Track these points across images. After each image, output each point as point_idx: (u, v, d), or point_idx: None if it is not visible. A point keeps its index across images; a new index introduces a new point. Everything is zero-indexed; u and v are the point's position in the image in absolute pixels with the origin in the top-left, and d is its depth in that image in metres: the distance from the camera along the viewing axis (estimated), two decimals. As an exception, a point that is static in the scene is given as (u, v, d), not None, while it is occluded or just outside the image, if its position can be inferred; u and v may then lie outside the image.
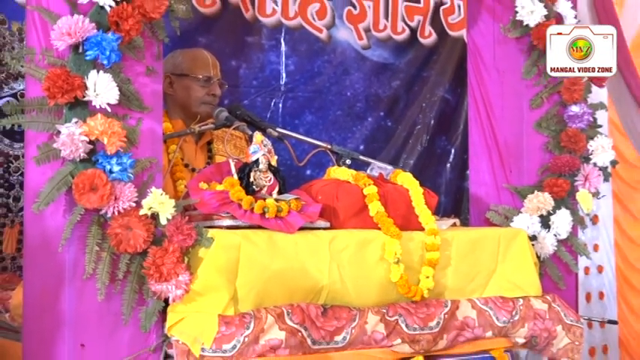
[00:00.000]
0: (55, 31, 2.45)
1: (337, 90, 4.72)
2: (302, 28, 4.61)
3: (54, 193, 2.44)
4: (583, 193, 3.46)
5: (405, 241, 2.96)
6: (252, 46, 4.46)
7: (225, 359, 2.56)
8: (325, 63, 4.69)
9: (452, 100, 5.07)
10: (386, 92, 4.88)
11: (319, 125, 4.55)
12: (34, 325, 2.58)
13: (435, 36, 5.03)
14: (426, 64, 5.01)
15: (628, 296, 6.01)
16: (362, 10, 4.79)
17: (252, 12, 4.45)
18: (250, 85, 4.44)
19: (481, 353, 3.09)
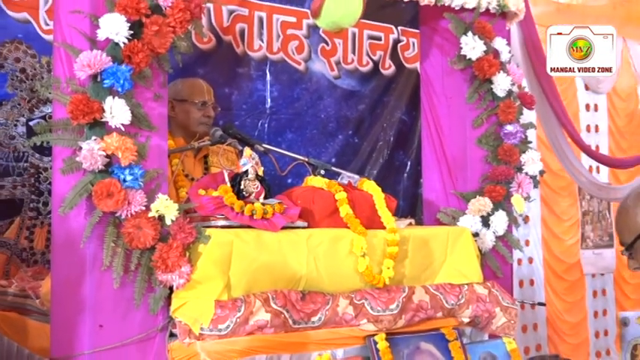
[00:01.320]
0: (77, 64, 2.46)
1: (313, 112, 4.71)
2: (284, 61, 4.61)
3: (77, 198, 2.45)
4: (516, 198, 3.48)
5: (370, 238, 2.97)
6: (242, 76, 4.46)
7: (220, 337, 2.57)
8: (303, 90, 4.68)
9: (408, 121, 5.07)
10: (353, 114, 4.87)
11: (298, 142, 4.54)
12: (60, 309, 2.59)
13: (394, 68, 5.04)
14: (386, 91, 5.01)
15: (553, 282, 6.04)
16: (333, 46, 4.80)
17: (242, 48, 4.45)
18: (240, 109, 4.44)
19: (433, 331, 3.09)
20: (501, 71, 3.47)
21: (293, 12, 4.65)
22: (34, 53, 3.84)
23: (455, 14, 3.45)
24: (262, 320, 2.64)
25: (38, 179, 3.87)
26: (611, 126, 6.68)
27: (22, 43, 3.81)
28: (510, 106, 3.48)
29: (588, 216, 6.48)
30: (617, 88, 6.67)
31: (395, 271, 3.01)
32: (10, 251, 3.79)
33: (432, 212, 3.58)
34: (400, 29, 5.07)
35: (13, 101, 3.79)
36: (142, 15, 2.52)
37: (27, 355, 3.07)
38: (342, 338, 2.87)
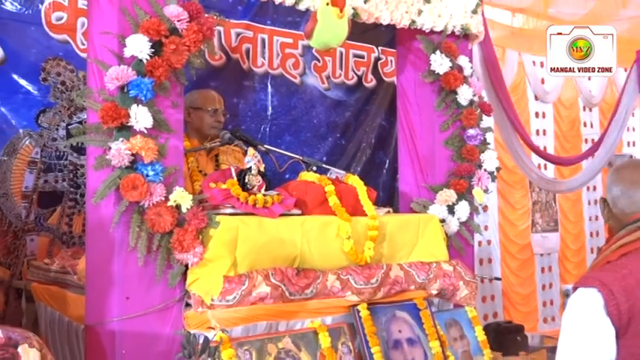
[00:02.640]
0: (107, 77, 2.45)
1: (307, 119, 4.70)
2: (282, 76, 4.59)
3: (107, 190, 2.45)
4: (477, 190, 3.47)
5: (354, 224, 2.96)
6: (247, 88, 4.45)
7: (228, 307, 2.57)
8: (299, 100, 4.67)
9: (386, 126, 5.05)
10: (341, 120, 4.86)
11: (294, 143, 4.53)
12: (93, 284, 2.59)
13: (375, 81, 5.03)
14: (368, 100, 5.00)
15: (507, 260, 6.07)
16: (324, 63, 4.78)
17: (248, 64, 4.44)
18: (246, 115, 4.42)
19: (407, 301, 3.07)
20: (464, 84, 3.45)
21: (290, 34, 4.63)
22: (72, 68, 3.82)
23: (425, 36, 3.43)
24: (263, 292, 2.63)
25: (76, 174, 3.86)
26: (557, 130, 6.69)
27: (63, 60, 3.79)
28: (472, 113, 3.47)
29: (537, 205, 6.50)
30: (562, 99, 6.68)
31: (375, 251, 3.00)
32: (53, 235, 3.79)
33: (406, 202, 3.57)
34: (380, 49, 5.05)
35: (55, 109, 3.78)
36: (162, 36, 2.51)
37: (67, 322, 3.06)
38: (331, 307, 2.86)
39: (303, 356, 2.71)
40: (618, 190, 2.04)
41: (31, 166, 3.72)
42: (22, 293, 3.55)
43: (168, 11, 2.54)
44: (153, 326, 2.51)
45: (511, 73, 5.97)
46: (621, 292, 1.83)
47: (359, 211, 3.04)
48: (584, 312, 1.87)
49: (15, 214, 3.66)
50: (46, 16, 3.73)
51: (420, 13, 3.31)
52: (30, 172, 3.71)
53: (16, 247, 3.67)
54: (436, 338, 3.03)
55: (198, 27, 2.57)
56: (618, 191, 2.04)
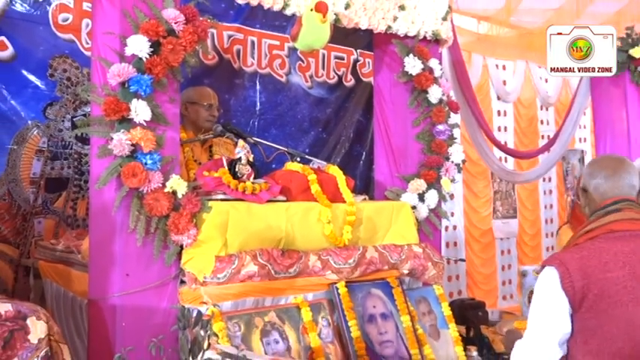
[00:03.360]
0: (109, 73, 2.43)
1: (292, 114, 4.68)
2: (270, 75, 4.57)
3: (109, 177, 2.43)
4: (445, 180, 3.48)
5: (334, 209, 2.97)
6: (238, 86, 4.42)
7: (219, 284, 2.57)
8: (284, 97, 4.65)
9: (363, 122, 5.04)
10: (322, 116, 4.85)
11: (280, 136, 4.50)
12: (96, 262, 2.57)
13: (354, 81, 5.02)
14: (347, 98, 4.99)
15: (471, 244, 6.09)
16: (307, 63, 4.77)
17: (239, 64, 4.41)
18: (237, 110, 4.40)
19: (381, 280, 3.09)
20: (434, 84, 3.46)
21: (277, 37, 4.60)
22: (77, 65, 3.77)
23: (400, 40, 3.43)
24: (251, 271, 2.63)
25: (80, 162, 3.82)
26: (516, 127, 6.72)
27: (68, 57, 3.74)
28: (441, 111, 3.48)
29: (498, 194, 6.52)
30: (521, 99, 6.71)
31: (352, 234, 3.01)
32: (59, 217, 3.75)
33: (381, 190, 3.57)
34: (359, 52, 5.04)
35: (61, 102, 3.73)
36: (160, 36, 2.49)
37: (71, 296, 3.05)
38: (312, 285, 2.86)
39: (287, 329, 2.71)
40: (601, 177, 2.05)
41: (39, 154, 3.68)
42: (30, 270, 3.53)
43: (166, 14, 2.52)
44: (150, 301, 2.50)
45: (476, 74, 5.98)
46: (577, 271, 1.87)
47: (338, 198, 3.04)
48: (545, 286, 1.94)
49: (24, 198, 3.62)
50: (53, 17, 3.68)
51: (396, 20, 3.31)
52: (38, 160, 3.67)
53: (24, 229, 3.64)
54: (407, 313, 3.05)
55: (193, 29, 2.55)
56: (601, 178, 2.05)
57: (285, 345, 2.66)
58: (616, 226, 1.95)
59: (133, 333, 2.45)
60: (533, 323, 1.96)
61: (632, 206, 1.99)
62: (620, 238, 1.93)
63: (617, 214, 1.98)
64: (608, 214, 1.99)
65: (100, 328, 2.51)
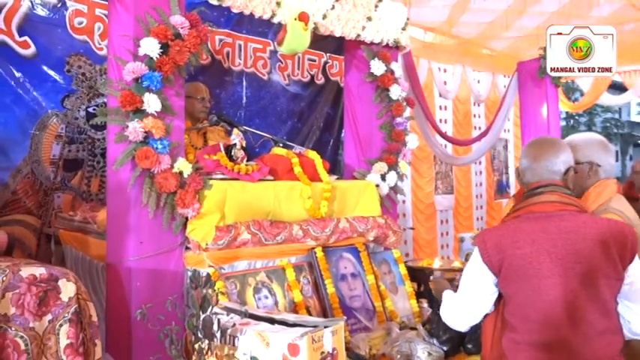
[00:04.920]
0: (125, 70, 2.34)
1: (273, 107, 4.62)
2: (254, 74, 4.49)
3: (124, 159, 2.36)
4: (402, 163, 3.49)
5: (313, 187, 2.94)
6: (227, 82, 4.34)
7: (218, 249, 2.53)
8: (266, 92, 4.57)
9: (331, 113, 5.01)
10: (298, 109, 4.79)
11: (263, 125, 4.42)
12: (113, 231, 2.49)
13: (324, 79, 4.96)
14: (318, 94, 4.93)
15: (417, 215, 6.11)
16: (285, 64, 4.69)
17: (228, 64, 4.32)
18: (226, 103, 4.31)
19: (351, 245, 3.08)
20: (395, 84, 3.44)
21: (261, 42, 4.52)
22: (90, 62, 3.64)
23: (367, 46, 3.39)
24: (245, 238, 2.60)
25: (93, 146, 3.70)
26: (454, 120, 6.76)
27: (83, 55, 3.60)
28: (400, 106, 3.47)
29: (439, 174, 6.58)
30: (459, 96, 6.74)
31: (328, 208, 2.99)
32: (75, 193, 3.64)
33: (349, 172, 3.56)
34: (328, 55, 4.97)
35: (77, 94, 3.60)
36: (169, 39, 2.41)
37: (88, 260, 2.98)
38: (295, 250, 2.84)
39: (274, 287, 2.69)
40: (525, 162, 1.99)
41: (58, 139, 3.55)
42: (52, 238, 3.43)
43: (174, 20, 2.43)
44: (160, 264, 2.44)
45: (423, 76, 5.97)
46: (493, 247, 1.86)
47: (316, 178, 3.02)
48: (473, 257, 1.95)
49: (45, 176, 3.50)
50: (70, 20, 3.53)
51: (364, 29, 3.27)
52: (57, 144, 3.54)
53: (45, 202, 3.52)
54: (372, 273, 3.06)
55: (197, 33, 2.47)
56: (525, 164, 1.99)
57: (274, 300, 2.65)
58: (535, 207, 1.89)
59: (146, 291, 2.39)
60: (462, 285, 1.98)
61: (555, 190, 1.90)
62: (536, 218, 1.87)
63: (538, 196, 1.90)
64: (531, 196, 1.93)
65: (117, 287, 2.45)
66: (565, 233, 1.79)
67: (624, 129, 26.68)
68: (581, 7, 5.20)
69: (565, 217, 1.83)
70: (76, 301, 1.92)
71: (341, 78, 5.02)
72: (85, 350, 1.92)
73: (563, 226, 1.81)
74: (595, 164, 2.18)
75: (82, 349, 1.91)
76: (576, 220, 1.82)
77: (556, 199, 1.88)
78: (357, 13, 3.21)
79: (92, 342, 1.95)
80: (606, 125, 25.17)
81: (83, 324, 1.94)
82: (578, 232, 1.78)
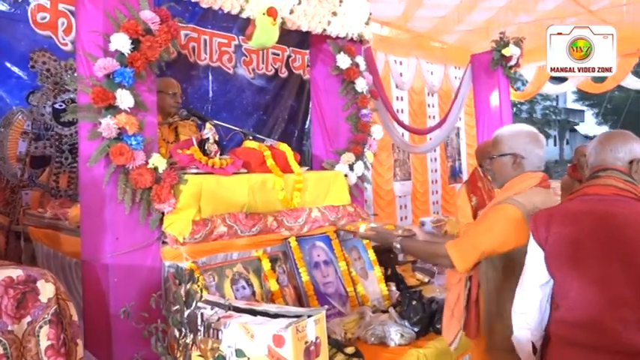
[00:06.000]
0: (96, 66, 2.21)
1: (239, 101, 4.51)
2: (220, 68, 4.37)
3: (99, 156, 2.25)
4: (368, 153, 3.46)
5: (285, 179, 2.88)
6: (194, 77, 4.20)
7: (195, 243, 2.44)
8: (232, 86, 4.46)
9: (295, 106, 4.94)
10: (263, 101, 4.69)
11: (229, 118, 4.27)
12: (88, 228, 2.37)
13: (287, 73, 4.88)
14: (282, 87, 4.85)
15: (377, 200, 6.13)
16: (250, 58, 4.58)
17: (194, 58, 4.19)
18: (193, 97, 4.18)
19: (323, 234, 3.04)
20: (360, 77, 3.40)
21: (226, 36, 4.40)
22: (55, 58, 3.45)
23: (333, 40, 3.34)
24: (222, 231, 2.52)
25: (61, 142, 3.53)
26: (410, 109, 6.80)
27: (47, 51, 3.41)
28: (365, 98, 3.43)
29: (397, 162, 6.62)
30: (414, 87, 6.77)
31: (300, 198, 2.94)
32: (44, 189, 3.47)
33: (318, 162, 3.51)
34: (291, 49, 4.89)
35: (42, 91, 3.41)
36: (140, 35, 2.29)
37: (60, 256, 2.84)
38: (270, 240, 2.78)
39: (251, 277, 2.63)
40: (592, 147, 1.91)
41: (24, 135, 3.36)
42: (21, 235, 3.25)
43: (143, 15, 2.31)
44: (137, 260, 2.34)
45: (380, 68, 5.97)
46: (542, 225, 1.81)
47: (288, 170, 2.95)
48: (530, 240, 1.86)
49: (12, 173, 3.32)
50: (32, 15, 3.33)
51: (330, 24, 3.21)
52: (23, 141, 3.36)
53: (13, 200, 3.34)
54: (343, 259, 3.03)
55: (167, 28, 2.36)
56: (591, 148, 1.91)
57: (251, 290, 2.59)
58: (589, 190, 1.83)
59: (124, 287, 2.29)
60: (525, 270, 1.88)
61: (613, 174, 1.82)
62: (587, 200, 1.81)
63: (595, 179, 1.84)
64: (589, 179, 1.87)
65: (94, 284, 2.33)
66: (611, 217, 1.72)
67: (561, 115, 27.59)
68: (528, 1, 5.28)
69: (617, 203, 1.76)
70: (56, 301, 1.82)
71: (304, 71, 4.96)
72: (67, 351, 1.82)
73: (612, 210, 1.74)
74: (519, 156, 2.05)
75: (63, 349, 1.81)
76: (629, 207, 1.74)
77: (612, 183, 1.81)
78: (322, 8, 3.15)
79: (74, 342, 1.85)
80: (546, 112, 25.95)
81: (64, 324, 1.83)
82: (627, 218, 1.71)
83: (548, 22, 5.80)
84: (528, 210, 1.92)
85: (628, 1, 5.18)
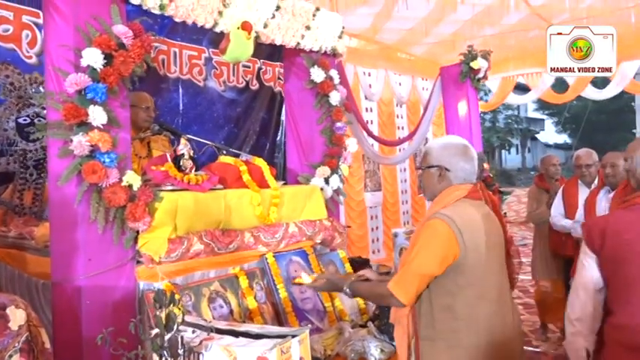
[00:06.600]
0: (67, 82, 2.15)
1: (210, 113, 4.45)
2: (190, 80, 4.30)
3: (70, 174, 2.17)
4: (344, 166, 3.46)
5: (262, 194, 2.85)
6: (164, 90, 4.12)
7: (172, 262, 2.39)
8: (203, 99, 4.39)
9: (267, 118, 4.90)
10: (234, 114, 4.64)
11: (200, 132, 4.23)
12: (58, 248, 2.28)
13: (258, 85, 4.83)
14: (253, 99, 4.80)
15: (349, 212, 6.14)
16: (221, 71, 4.53)
17: (164, 71, 4.11)
18: (164, 110, 4.08)
19: (299, 249, 3.01)
20: (334, 90, 3.40)
21: (196, 49, 4.33)
22: (19, 72, 3.32)
23: (307, 54, 3.33)
24: (198, 249, 2.47)
25: (25, 158, 3.39)
26: (380, 120, 6.86)
27: (10, 64, 3.28)
28: (339, 111, 3.43)
29: (368, 173, 6.66)
30: (382, 98, 6.85)
31: (277, 214, 2.91)
32: (7, 207, 3.31)
33: (293, 176, 3.48)
34: (262, 61, 4.86)
35: (5, 105, 3.27)
36: (112, 50, 2.23)
37: (26, 278, 2.72)
38: (247, 257, 2.74)
39: (229, 295, 2.58)
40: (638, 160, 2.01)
41: (-14, 152, 3.23)
42: (-18, 256, 3.10)
43: (116, 30, 2.26)
44: (111, 280, 2.26)
45: (349, 80, 6.01)
46: (597, 233, 1.91)
47: (264, 184, 2.92)
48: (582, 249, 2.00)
49: (-28, 191, 3.18)
50: (-5, 27, 3.22)
51: (303, 37, 3.20)
52: (-15, 157, 3.23)
53: (-26, 218, 3.19)
54: (320, 274, 3.01)
55: (140, 43, 2.31)
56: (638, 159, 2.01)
57: (229, 308, 2.53)
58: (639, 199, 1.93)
59: (97, 309, 2.21)
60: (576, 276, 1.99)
61: None
62: (638, 209, 1.91)
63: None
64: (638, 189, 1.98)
65: (64, 307, 2.24)
66: None
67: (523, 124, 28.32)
68: (493, 15, 5.42)
69: None
70: (27, 328, 1.72)
71: (274, 83, 4.94)
72: (39, 380, 1.73)
73: None
74: (444, 168, 2.00)
75: (35, 379, 1.72)
76: None
77: None
78: (296, 22, 3.14)
79: (46, 370, 1.77)
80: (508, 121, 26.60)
81: (35, 352, 1.74)
82: None
83: (512, 34, 5.97)
84: (457, 223, 1.87)
85: (588, 14, 5.37)
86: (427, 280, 1.91)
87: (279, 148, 4.97)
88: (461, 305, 1.88)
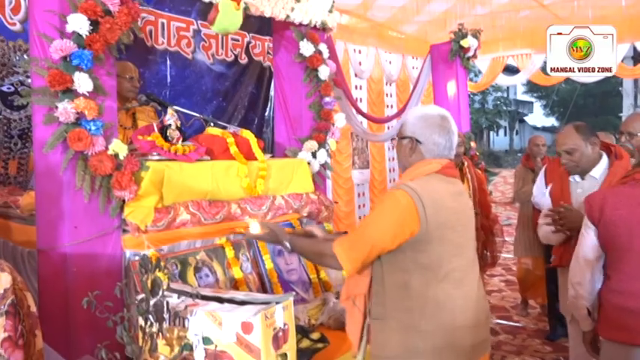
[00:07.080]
0: (52, 48, 2.12)
1: (198, 86, 4.41)
2: (178, 53, 4.26)
3: (56, 142, 2.15)
4: (331, 141, 3.47)
5: (249, 166, 2.85)
6: (151, 61, 4.07)
7: (158, 231, 2.39)
8: (191, 72, 4.35)
9: (255, 93, 4.88)
10: (222, 88, 4.60)
11: (188, 104, 4.17)
12: (44, 216, 2.27)
13: (247, 59, 4.80)
14: (242, 73, 4.77)
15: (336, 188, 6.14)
16: (209, 43, 4.49)
17: (151, 42, 4.06)
18: (151, 82, 4.05)
19: (286, 221, 3.03)
20: (323, 64, 3.39)
21: (184, 20, 4.28)
22: (2, 39, 3.27)
23: (296, 27, 3.31)
24: (185, 219, 2.48)
25: (9, 127, 3.36)
26: (369, 98, 6.85)
27: (-6, 31, 3.25)
28: (328, 86, 3.43)
29: (356, 150, 6.67)
30: (372, 76, 6.82)
31: (264, 186, 2.92)
32: (-9, 177, 3.31)
33: (281, 150, 3.48)
34: (251, 35, 4.82)
35: (-12, 73, 3.25)
36: (98, 16, 2.20)
37: (11, 246, 2.71)
38: (233, 228, 2.74)
39: (215, 265, 2.60)
40: None
41: (-31, 120, 3.20)
42: (-33, 225, 3.09)
43: (102, -5, 2.23)
44: (97, 248, 2.26)
45: (339, 57, 5.97)
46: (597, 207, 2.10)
47: (252, 157, 2.93)
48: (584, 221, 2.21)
49: (-43, 160, 3.15)
50: (-23, -7, 3.16)
51: (293, 10, 3.18)
52: (-32, 126, 3.19)
53: (-41, 187, 3.17)
54: (306, 247, 3.03)
55: (127, 10, 2.28)
56: None
57: (214, 278, 2.56)
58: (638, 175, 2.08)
59: (83, 276, 2.22)
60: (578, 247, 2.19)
61: None
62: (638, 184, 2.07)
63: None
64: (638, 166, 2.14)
65: (50, 274, 2.25)
66: None
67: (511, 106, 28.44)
68: (484, -6, 5.40)
69: None
70: (13, 292, 1.73)
71: (264, 58, 4.90)
72: (25, 342, 1.75)
73: None
74: (415, 140, 1.86)
75: (21, 341, 1.73)
76: None
77: None
78: (286, -6, 3.12)
79: (32, 333, 1.78)
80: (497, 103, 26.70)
81: (21, 315, 1.75)
82: None
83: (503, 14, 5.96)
84: (421, 197, 1.73)
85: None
86: (376, 252, 1.77)
87: (267, 124, 4.96)
88: (417, 284, 1.75)
